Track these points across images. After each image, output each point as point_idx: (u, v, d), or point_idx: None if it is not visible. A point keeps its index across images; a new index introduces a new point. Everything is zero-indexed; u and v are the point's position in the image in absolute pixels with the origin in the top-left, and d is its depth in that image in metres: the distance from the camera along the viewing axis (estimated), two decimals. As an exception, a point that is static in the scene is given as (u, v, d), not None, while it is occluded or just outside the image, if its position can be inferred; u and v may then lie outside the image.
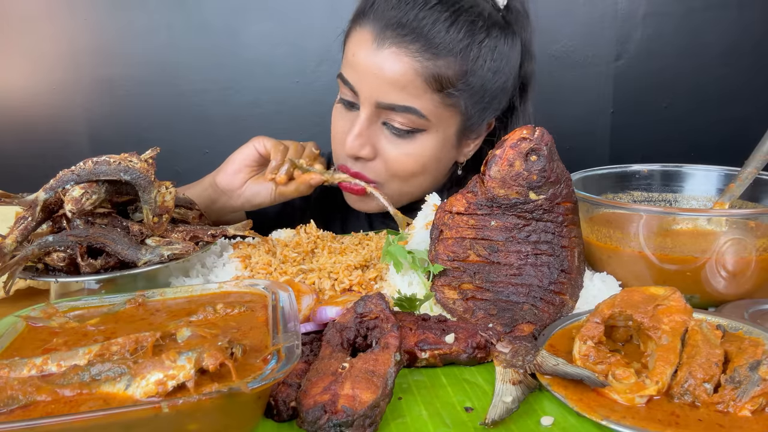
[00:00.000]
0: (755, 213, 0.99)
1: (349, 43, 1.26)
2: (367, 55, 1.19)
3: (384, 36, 1.18)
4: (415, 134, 1.24)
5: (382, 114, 1.23)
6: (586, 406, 0.67)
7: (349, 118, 1.28)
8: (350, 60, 1.24)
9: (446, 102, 1.21)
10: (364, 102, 1.22)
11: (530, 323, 0.84)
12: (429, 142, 1.25)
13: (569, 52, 2.18)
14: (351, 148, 1.24)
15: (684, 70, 2.23)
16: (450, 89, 1.19)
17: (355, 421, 0.62)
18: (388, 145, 1.25)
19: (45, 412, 0.57)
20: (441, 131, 1.25)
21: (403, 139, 1.24)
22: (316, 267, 1.03)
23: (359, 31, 1.23)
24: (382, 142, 1.25)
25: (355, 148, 1.24)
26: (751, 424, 0.65)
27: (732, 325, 0.82)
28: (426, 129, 1.23)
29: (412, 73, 1.17)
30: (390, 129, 1.24)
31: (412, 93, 1.18)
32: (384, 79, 1.18)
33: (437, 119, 1.22)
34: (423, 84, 1.18)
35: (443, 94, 1.20)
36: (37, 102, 2.16)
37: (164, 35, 2.11)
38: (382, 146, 1.25)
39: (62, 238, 0.93)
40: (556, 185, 0.93)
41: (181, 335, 0.67)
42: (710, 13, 2.18)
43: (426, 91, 1.19)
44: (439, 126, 1.24)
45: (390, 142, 1.25)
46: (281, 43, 2.12)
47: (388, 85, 1.18)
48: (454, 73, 1.19)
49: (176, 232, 1.03)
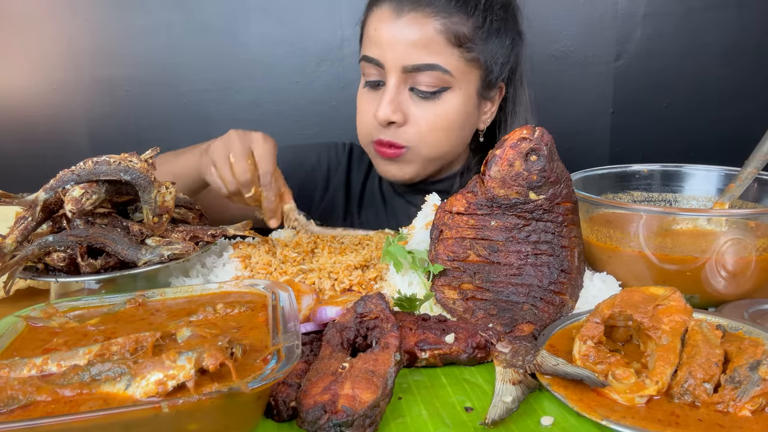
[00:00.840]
0: (755, 213, 0.99)
1: (369, 24, 1.36)
2: (389, 26, 1.30)
3: (401, 7, 1.30)
4: (441, 94, 1.32)
5: (409, 79, 1.31)
6: (586, 406, 0.67)
7: (375, 96, 1.36)
8: (372, 37, 1.33)
9: (466, 57, 1.31)
10: (391, 70, 1.31)
11: (530, 323, 0.84)
12: (454, 100, 1.33)
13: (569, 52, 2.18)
14: (384, 113, 1.30)
15: (684, 70, 2.23)
16: (468, 43, 1.30)
17: (355, 421, 0.62)
18: (417, 110, 1.33)
19: (45, 412, 0.57)
20: (464, 88, 1.33)
21: (430, 100, 1.32)
22: (316, 267, 1.03)
23: (377, 10, 1.34)
24: (411, 107, 1.33)
25: (387, 114, 1.30)
26: (751, 424, 0.65)
27: (732, 325, 0.82)
28: (450, 87, 1.32)
29: (432, 32, 1.28)
30: (417, 93, 1.32)
31: (435, 50, 1.28)
32: (407, 43, 1.28)
33: (460, 75, 1.32)
34: (443, 40, 1.28)
35: (462, 49, 1.30)
36: (37, 102, 2.16)
37: (164, 35, 2.11)
38: (412, 111, 1.33)
39: (62, 238, 0.93)
40: (556, 185, 0.93)
41: (181, 335, 0.67)
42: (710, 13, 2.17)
43: (446, 47, 1.29)
44: (461, 82, 1.33)
45: (418, 106, 1.33)
46: (281, 43, 2.12)
47: (412, 47, 1.28)
48: (469, 28, 1.30)
49: (176, 232, 1.03)
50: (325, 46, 2.11)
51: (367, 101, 1.38)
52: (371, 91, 1.37)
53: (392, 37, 1.29)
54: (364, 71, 1.37)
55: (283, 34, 2.12)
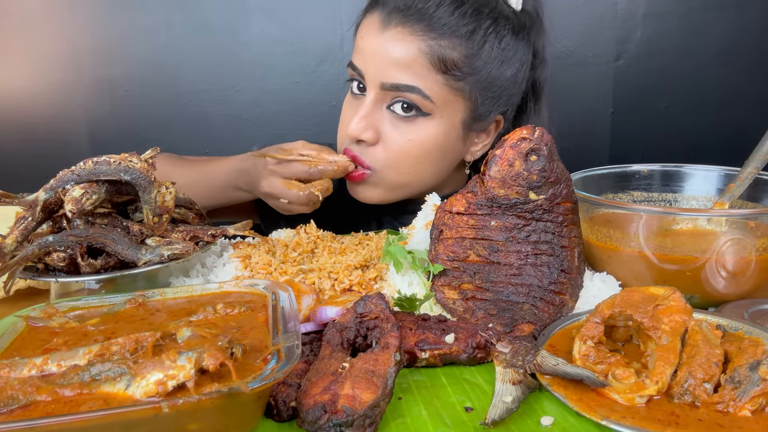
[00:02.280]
0: (755, 213, 0.99)
1: (359, 31, 1.29)
2: (374, 38, 1.22)
3: (390, 19, 1.21)
4: (419, 118, 1.23)
5: (387, 96, 1.23)
6: (586, 406, 0.67)
7: (355, 105, 1.29)
8: (358, 45, 1.27)
9: (451, 85, 1.21)
10: (370, 84, 1.24)
11: (530, 323, 0.84)
12: (433, 128, 1.24)
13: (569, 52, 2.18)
14: (354, 129, 1.23)
15: (684, 70, 2.23)
16: (455, 71, 1.20)
17: (355, 421, 0.62)
18: (391, 129, 1.24)
19: (45, 412, 0.57)
20: (446, 117, 1.24)
21: (406, 123, 1.23)
22: (316, 267, 1.03)
23: (368, 18, 1.26)
24: (386, 126, 1.25)
25: (358, 130, 1.23)
26: (751, 424, 0.65)
27: (732, 325, 0.82)
28: (431, 114, 1.23)
29: (416, 52, 1.18)
30: (393, 112, 1.24)
31: (417, 72, 1.19)
32: (388, 59, 1.20)
33: (442, 103, 1.22)
34: (427, 63, 1.19)
35: (448, 76, 1.20)
36: (37, 102, 2.16)
37: (164, 35, 2.11)
38: (385, 130, 1.25)
39: (62, 238, 0.93)
40: (556, 185, 0.93)
41: (181, 335, 0.67)
42: (710, 13, 2.17)
43: (430, 71, 1.19)
44: (444, 111, 1.23)
45: (393, 126, 1.24)
46: (281, 43, 2.12)
47: (393, 64, 1.20)
48: (459, 55, 1.19)
49: (176, 232, 1.03)
50: (325, 46, 2.11)
51: (347, 110, 1.32)
52: (354, 98, 1.31)
53: (375, 50, 1.21)
54: (351, 77, 1.31)
55: (283, 34, 2.12)
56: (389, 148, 1.25)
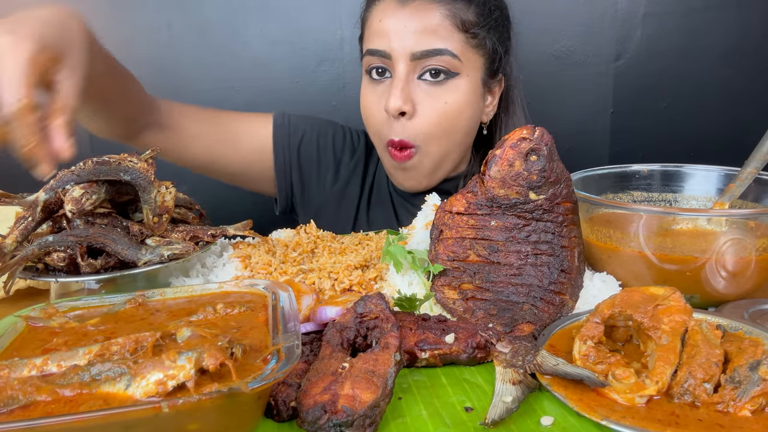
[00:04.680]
0: (755, 213, 0.99)
1: (372, 18, 1.35)
2: (395, 16, 1.30)
3: None
4: (449, 80, 1.32)
5: (417, 66, 1.31)
6: (586, 406, 0.67)
7: (381, 90, 1.35)
8: (377, 29, 1.33)
9: (471, 42, 1.32)
10: (399, 59, 1.30)
11: (530, 323, 0.84)
12: (462, 87, 1.33)
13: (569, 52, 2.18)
14: (395, 103, 1.29)
15: (684, 70, 2.23)
16: (473, 29, 1.31)
17: (355, 421, 0.62)
18: (426, 98, 1.32)
19: (45, 412, 0.57)
20: (471, 75, 1.34)
21: (438, 87, 1.31)
22: (316, 267, 1.03)
23: (380, 3, 1.34)
24: (420, 96, 1.32)
25: (399, 104, 1.29)
26: (751, 424, 0.65)
27: (732, 325, 0.82)
28: (459, 72, 1.32)
29: (438, 17, 1.29)
30: (426, 80, 1.31)
31: (442, 35, 1.29)
32: (414, 30, 1.29)
33: (466, 60, 1.32)
34: (450, 25, 1.30)
35: (468, 35, 1.31)
36: (37, 102, 2.16)
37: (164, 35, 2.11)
38: (420, 100, 1.32)
39: (62, 238, 0.93)
40: (556, 185, 0.93)
41: (181, 335, 0.67)
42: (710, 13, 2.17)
43: (453, 32, 1.30)
44: (468, 69, 1.33)
45: (428, 95, 1.32)
46: (281, 42, 2.12)
47: (419, 34, 1.28)
48: (473, 14, 1.32)
49: (176, 232, 1.03)
50: (325, 46, 2.11)
51: (372, 97, 1.37)
52: (376, 84, 1.36)
53: (399, 27, 1.29)
54: (368, 64, 1.36)
55: (283, 34, 2.11)
56: (428, 116, 1.32)
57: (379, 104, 1.33)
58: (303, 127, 1.53)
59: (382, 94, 1.33)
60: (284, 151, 1.51)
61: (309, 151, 1.53)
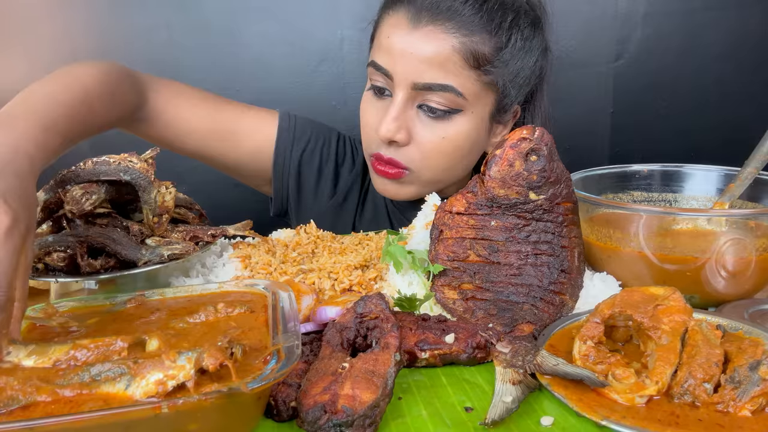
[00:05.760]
0: (755, 213, 0.99)
1: (381, 29, 1.26)
2: (403, 37, 1.20)
3: (419, 17, 1.19)
4: (451, 116, 1.23)
5: (418, 96, 1.22)
6: (586, 406, 0.67)
7: (380, 106, 1.27)
8: (383, 44, 1.24)
9: (483, 80, 1.22)
10: (399, 84, 1.22)
11: (530, 323, 0.84)
12: (465, 125, 1.25)
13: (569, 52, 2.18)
14: (387, 131, 1.22)
15: (684, 70, 2.23)
16: (487, 66, 1.21)
17: (355, 421, 0.62)
18: (424, 129, 1.24)
19: (45, 412, 0.57)
20: (476, 112, 1.25)
21: (438, 121, 1.23)
22: (316, 267, 1.03)
23: (392, 15, 1.24)
24: (417, 126, 1.24)
25: (391, 132, 1.22)
26: (751, 424, 0.65)
27: (732, 325, 0.82)
28: (462, 109, 1.23)
29: (449, 50, 1.18)
30: (425, 111, 1.23)
31: (450, 70, 1.19)
32: (420, 59, 1.19)
33: (474, 98, 1.23)
34: (461, 60, 1.19)
35: (480, 72, 1.21)
36: (37, 102, 2.16)
37: (164, 35, 2.11)
38: (417, 131, 1.24)
39: (62, 238, 0.93)
40: (556, 185, 0.93)
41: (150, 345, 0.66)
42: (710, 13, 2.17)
43: (464, 68, 1.20)
44: (475, 106, 1.24)
45: (425, 126, 1.24)
46: (281, 43, 2.12)
47: (425, 64, 1.19)
48: (490, 49, 1.21)
49: (176, 232, 1.03)
50: (325, 46, 2.11)
51: (371, 110, 1.30)
52: (376, 99, 1.29)
53: (405, 50, 1.20)
54: (372, 76, 1.28)
55: (283, 34, 2.11)
56: (423, 147, 1.25)
57: (375, 121, 1.26)
58: (308, 133, 1.47)
59: (380, 112, 1.26)
60: (285, 155, 1.46)
61: (311, 161, 1.47)
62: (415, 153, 1.26)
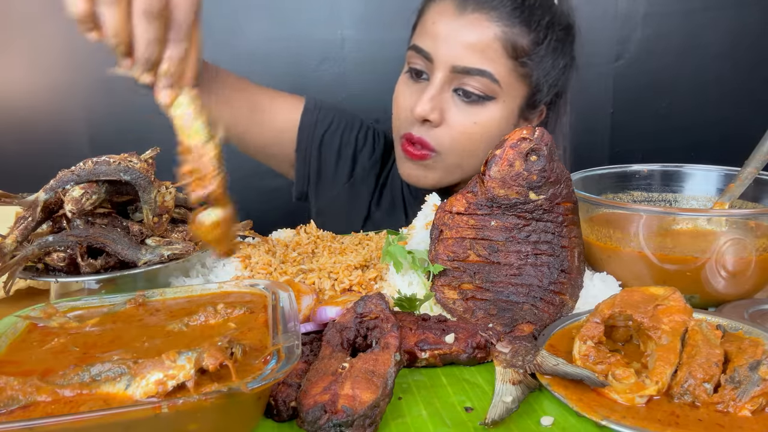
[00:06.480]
0: (755, 213, 0.99)
1: (428, 15, 1.33)
2: (449, 22, 1.27)
3: (465, 5, 1.27)
4: (485, 102, 1.29)
5: (455, 80, 1.28)
6: (586, 406, 0.67)
7: (415, 89, 1.33)
8: (428, 28, 1.30)
9: (518, 71, 1.28)
10: (439, 66, 1.27)
11: (530, 323, 0.84)
12: (496, 112, 1.30)
13: (569, 51, 2.18)
14: (422, 110, 1.28)
15: (684, 69, 2.23)
16: (523, 57, 1.27)
17: (355, 421, 0.62)
18: (457, 113, 1.30)
19: (45, 412, 0.57)
20: (508, 102, 1.30)
21: (472, 106, 1.29)
22: (316, 267, 1.03)
23: (439, 3, 1.31)
24: (452, 109, 1.30)
25: (426, 111, 1.28)
26: (751, 424, 0.65)
27: (732, 325, 0.82)
28: (495, 97, 1.29)
29: (491, 37, 1.25)
30: (460, 96, 1.29)
31: (489, 56, 1.25)
32: (463, 43, 1.25)
33: (507, 87, 1.29)
34: (500, 48, 1.26)
35: (517, 62, 1.27)
36: (37, 102, 2.16)
37: (164, 35, 2.11)
38: (451, 113, 1.30)
39: (62, 238, 0.93)
40: (556, 185, 0.93)
41: None
42: (710, 13, 2.17)
43: (502, 56, 1.26)
44: (507, 95, 1.29)
45: (459, 110, 1.30)
46: (282, 42, 2.12)
47: (467, 48, 1.25)
48: (528, 42, 1.27)
49: (176, 232, 1.03)
50: (325, 45, 2.11)
51: (406, 93, 1.35)
52: (412, 82, 1.34)
53: (449, 34, 1.26)
54: (410, 60, 1.34)
55: (283, 34, 2.11)
56: (454, 129, 1.30)
57: (410, 103, 1.32)
58: (331, 117, 1.53)
59: (415, 94, 1.32)
60: (308, 137, 1.51)
61: (331, 142, 1.53)
62: (445, 135, 1.31)
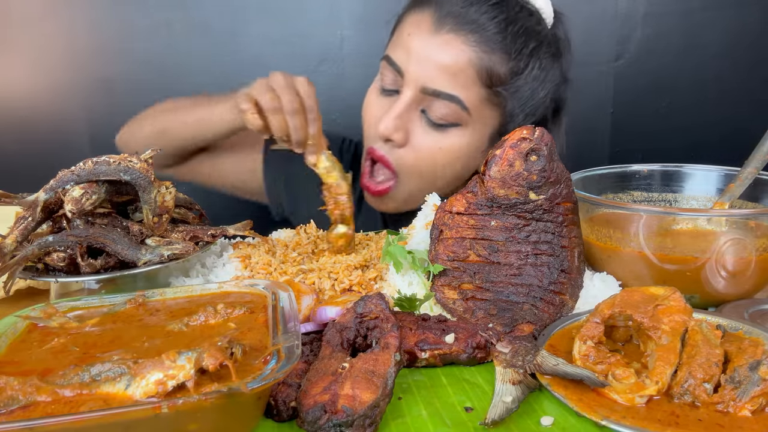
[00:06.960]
0: (755, 213, 0.99)
1: (404, 25, 1.25)
2: (423, 38, 1.19)
3: (443, 22, 1.18)
4: (451, 127, 1.22)
5: (424, 100, 1.21)
6: (586, 406, 0.67)
7: (384, 103, 1.27)
8: (403, 41, 1.23)
9: (491, 100, 1.21)
10: (409, 84, 1.21)
11: (530, 323, 0.84)
12: (464, 138, 1.23)
13: (569, 51, 2.18)
14: (386, 128, 1.22)
15: (684, 69, 2.23)
16: (498, 87, 1.19)
17: (355, 421, 0.62)
18: (422, 134, 1.23)
19: (45, 412, 0.57)
20: (477, 129, 1.24)
21: (438, 130, 1.22)
22: (316, 267, 1.03)
23: (417, 13, 1.23)
24: (417, 130, 1.23)
25: (389, 130, 1.22)
26: (751, 424, 0.65)
27: (732, 325, 0.82)
28: (463, 124, 1.22)
29: (465, 62, 1.17)
30: (427, 118, 1.22)
31: (461, 82, 1.18)
32: (436, 63, 1.18)
33: (477, 115, 1.21)
34: (474, 75, 1.18)
35: (491, 91, 1.20)
36: (37, 102, 2.16)
37: (164, 35, 2.11)
38: (416, 134, 1.23)
39: (62, 238, 0.93)
40: (556, 185, 0.93)
41: None
42: (709, 12, 2.18)
43: (475, 83, 1.18)
44: (476, 123, 1.22)
45: (424, 132, 1.23)
46: (281, 43, 2.12)
47: (439, 70, 1.18)
48: (506, 70, 1.19)
49: (176, 232, 1.03)
50: (325, 46, 2.11)
51: (374, 104, 1.29)
52: (382, 95, 1.28)
53: (422, 51, 1.19)
54: (382, 71, 1.28)
55: (283, 34, 2.12)
56: (418, 152, 1.24)
57: (377, 116, 1.26)
58: None
59: (383, 108, 1.26)
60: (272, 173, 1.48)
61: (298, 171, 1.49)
62: (408, 156, 1.25)
